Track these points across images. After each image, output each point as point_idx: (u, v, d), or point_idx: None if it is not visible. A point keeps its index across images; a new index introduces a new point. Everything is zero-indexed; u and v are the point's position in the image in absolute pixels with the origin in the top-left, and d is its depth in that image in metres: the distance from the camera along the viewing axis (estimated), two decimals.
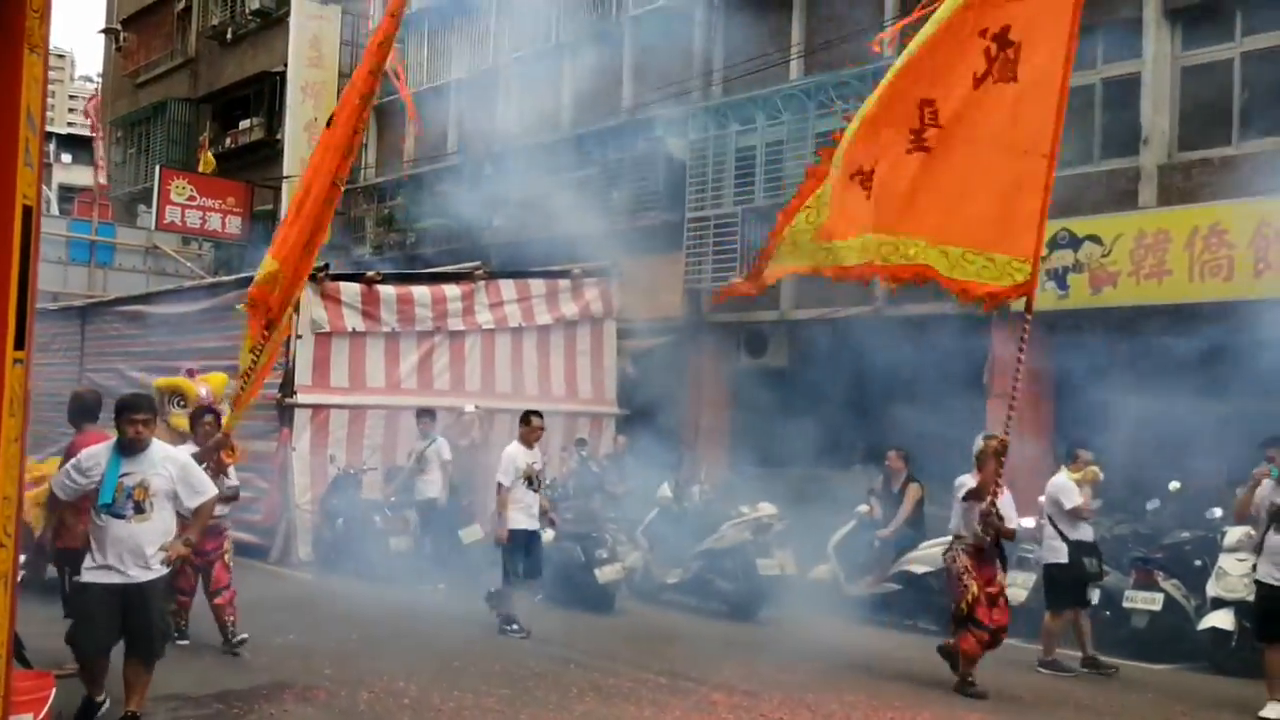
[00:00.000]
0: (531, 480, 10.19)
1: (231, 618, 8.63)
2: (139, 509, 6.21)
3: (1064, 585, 9.56)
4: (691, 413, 16.95)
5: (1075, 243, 12.53)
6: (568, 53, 19.60)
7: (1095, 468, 9.87)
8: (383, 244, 22.10)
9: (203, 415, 8.83)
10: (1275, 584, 8.01)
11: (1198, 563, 10.21)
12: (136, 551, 6.19)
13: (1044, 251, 12.69)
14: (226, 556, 8.83)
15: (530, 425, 10.43)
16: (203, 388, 10.61)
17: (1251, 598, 8.58)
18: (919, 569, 11.18)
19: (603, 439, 15.80)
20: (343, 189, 8.21)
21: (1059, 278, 12.63)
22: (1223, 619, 9.37)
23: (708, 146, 16.49)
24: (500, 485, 10.17)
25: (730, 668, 8.82)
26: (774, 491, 12.42)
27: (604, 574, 11.44)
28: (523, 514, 10.14)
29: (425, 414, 13.40)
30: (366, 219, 22.92)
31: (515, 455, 10.22)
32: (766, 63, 16.25)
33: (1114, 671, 9.34)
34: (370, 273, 14.83)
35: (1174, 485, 10.90)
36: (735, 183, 16.05)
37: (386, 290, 14.39)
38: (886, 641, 10.45)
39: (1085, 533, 9.65)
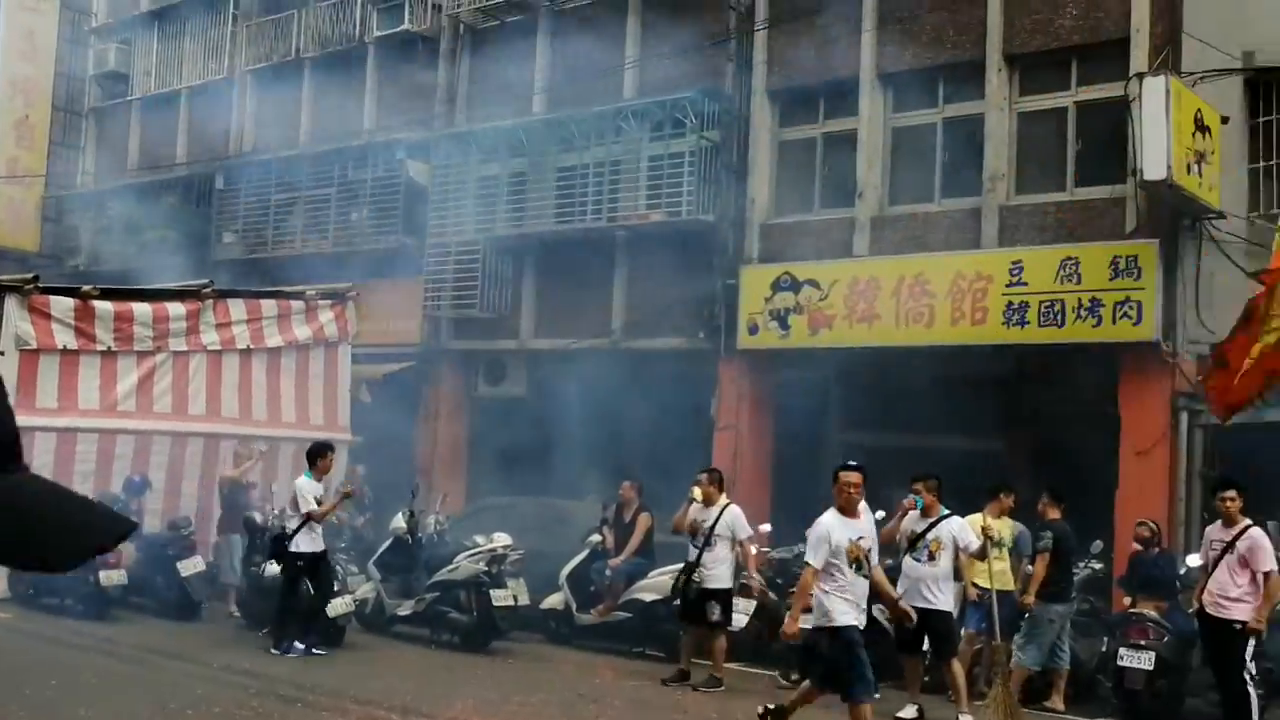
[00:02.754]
0: (860, 564, 7.45)
1: None
2: None
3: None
4: (428, 440, 16.84)
5: (795, 286, 13.33)
6: (309, 69, 19.17)
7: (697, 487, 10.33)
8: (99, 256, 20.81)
9: None
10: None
11: None
12: None
13: (769, 294, 13.56)
14: None
15: (840, 483, 7.46)
16: None
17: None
18: (648, 597, 11.53)
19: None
20: None
21: (781, 318, 13.39)
22: None
23: (450, 174, 16.51)
24: (809, 566, 7.48)
25: (463, 700, 8.83)
26: (510, 521, 12.51)
27: (334, 607, 11.16)
28: (849, 605, 7.41)
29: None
30: (81, 228, 21.53)
31: (830, 527, 7.40)
32: (511, 95, 16.45)
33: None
34: (86, 287, 13.96)
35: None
36: (477, 211, 16.13)
37: (103, 306, 13.56)
38: (617, 669, 10.73)
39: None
